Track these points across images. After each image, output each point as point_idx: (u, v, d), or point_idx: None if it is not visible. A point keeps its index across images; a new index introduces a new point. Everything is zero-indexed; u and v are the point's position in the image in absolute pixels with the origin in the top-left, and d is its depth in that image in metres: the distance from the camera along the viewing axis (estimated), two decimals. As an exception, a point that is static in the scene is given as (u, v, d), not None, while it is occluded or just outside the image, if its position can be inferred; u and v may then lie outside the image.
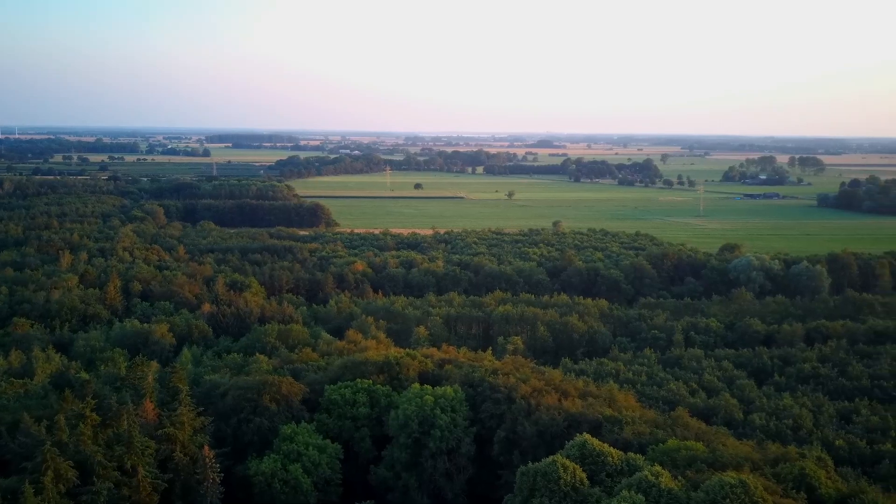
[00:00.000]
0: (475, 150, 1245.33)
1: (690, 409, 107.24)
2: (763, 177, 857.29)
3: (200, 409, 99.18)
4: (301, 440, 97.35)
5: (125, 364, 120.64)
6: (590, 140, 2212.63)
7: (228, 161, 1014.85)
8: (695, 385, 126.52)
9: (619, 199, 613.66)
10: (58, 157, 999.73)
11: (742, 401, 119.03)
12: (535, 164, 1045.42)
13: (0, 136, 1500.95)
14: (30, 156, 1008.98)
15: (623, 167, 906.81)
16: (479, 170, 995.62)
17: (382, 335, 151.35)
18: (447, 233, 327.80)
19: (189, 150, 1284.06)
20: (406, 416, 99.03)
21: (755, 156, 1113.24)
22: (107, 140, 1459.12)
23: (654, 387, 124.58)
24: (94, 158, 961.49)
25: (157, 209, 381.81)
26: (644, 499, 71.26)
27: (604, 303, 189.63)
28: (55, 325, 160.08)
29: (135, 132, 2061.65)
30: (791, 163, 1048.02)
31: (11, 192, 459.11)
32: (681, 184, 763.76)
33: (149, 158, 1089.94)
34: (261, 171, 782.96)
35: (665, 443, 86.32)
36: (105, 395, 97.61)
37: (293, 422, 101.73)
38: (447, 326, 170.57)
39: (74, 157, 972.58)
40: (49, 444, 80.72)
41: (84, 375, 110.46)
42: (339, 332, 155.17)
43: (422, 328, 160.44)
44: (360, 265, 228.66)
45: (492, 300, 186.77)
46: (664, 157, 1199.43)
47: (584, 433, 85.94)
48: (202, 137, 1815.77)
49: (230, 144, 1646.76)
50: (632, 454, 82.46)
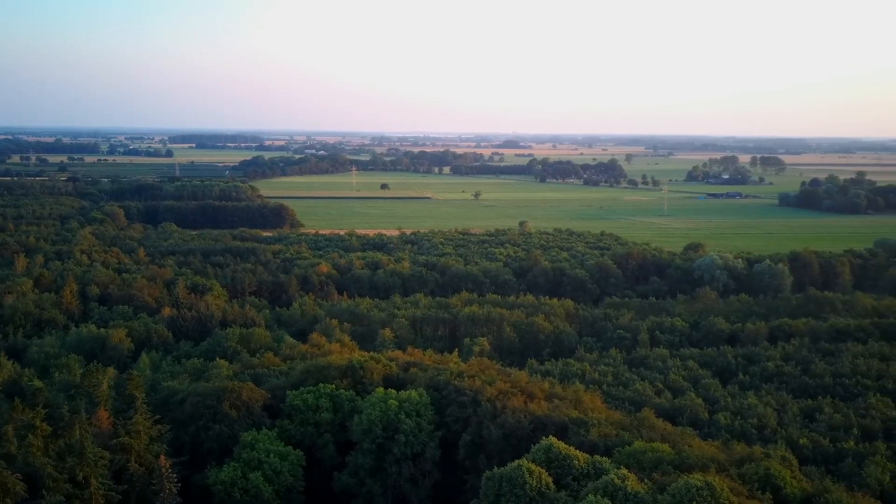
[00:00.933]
0: (442, 151, 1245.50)
1: (656, 410, 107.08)
2: (726, 176, 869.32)
3: (157, 417, 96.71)
4: (262, 447, 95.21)
5: (80, 371, 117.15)
6: (555, 140, 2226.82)
7: (192, 161, 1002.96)
8: (660, 385, 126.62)
9: (585, 199, 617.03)
10: (15, 158, 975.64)
11: (707, 400, 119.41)
12: (502, 165, 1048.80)
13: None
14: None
15: (588, 167, 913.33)
16: (446, 170, 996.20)
17: (347, 338, 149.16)
18: (413, 233, 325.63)
19: (151, 151, 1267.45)
20: (370, 421, 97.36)
21: (718, 156, 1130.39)
22: (66, 140, 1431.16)
23: (620, 387, 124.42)
24: (53, 159, 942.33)
25: (118, 211, 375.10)
26: (610, 503, 70.59)
27: (570, 303, 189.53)
28: (8, 332, 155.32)
29: (96, 132, 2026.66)
30: (753, 162, 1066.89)
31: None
32: (645, 184, 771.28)
33: (110, 159, 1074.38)
34: (225, 172, 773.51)
35: (631, 445, 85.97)
36: (58, 404, 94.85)
37: (254, 429, 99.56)
38: (413, 328, 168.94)
39: (32, 158, 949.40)
40: (-5, 457, 77.82)
41: (37, 383, 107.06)
42: (303, 336, 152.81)
43: (387, 330, 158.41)
44: (325, 267, 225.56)
45: (458, 301, 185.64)
46: (629, 157, 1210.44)
47: (550, 436, 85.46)
48: (165, 138, 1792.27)
49: (194, 145, 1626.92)
50: (598, 457, 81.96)
